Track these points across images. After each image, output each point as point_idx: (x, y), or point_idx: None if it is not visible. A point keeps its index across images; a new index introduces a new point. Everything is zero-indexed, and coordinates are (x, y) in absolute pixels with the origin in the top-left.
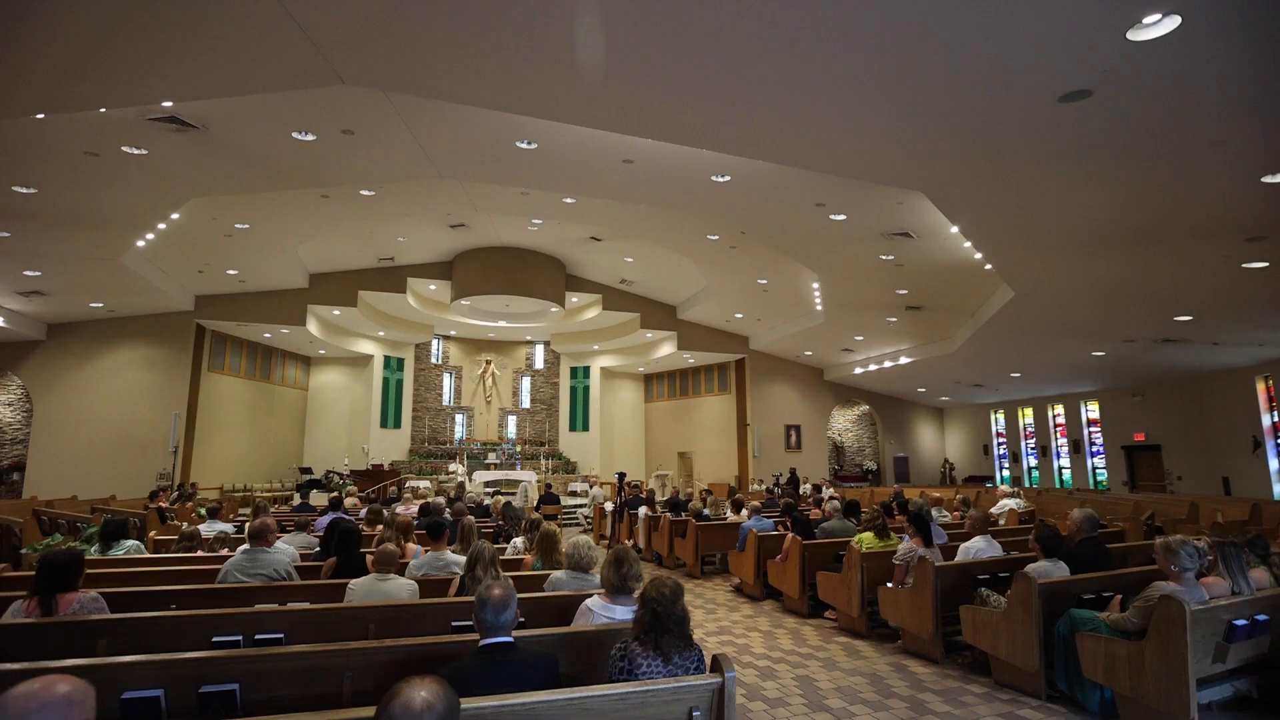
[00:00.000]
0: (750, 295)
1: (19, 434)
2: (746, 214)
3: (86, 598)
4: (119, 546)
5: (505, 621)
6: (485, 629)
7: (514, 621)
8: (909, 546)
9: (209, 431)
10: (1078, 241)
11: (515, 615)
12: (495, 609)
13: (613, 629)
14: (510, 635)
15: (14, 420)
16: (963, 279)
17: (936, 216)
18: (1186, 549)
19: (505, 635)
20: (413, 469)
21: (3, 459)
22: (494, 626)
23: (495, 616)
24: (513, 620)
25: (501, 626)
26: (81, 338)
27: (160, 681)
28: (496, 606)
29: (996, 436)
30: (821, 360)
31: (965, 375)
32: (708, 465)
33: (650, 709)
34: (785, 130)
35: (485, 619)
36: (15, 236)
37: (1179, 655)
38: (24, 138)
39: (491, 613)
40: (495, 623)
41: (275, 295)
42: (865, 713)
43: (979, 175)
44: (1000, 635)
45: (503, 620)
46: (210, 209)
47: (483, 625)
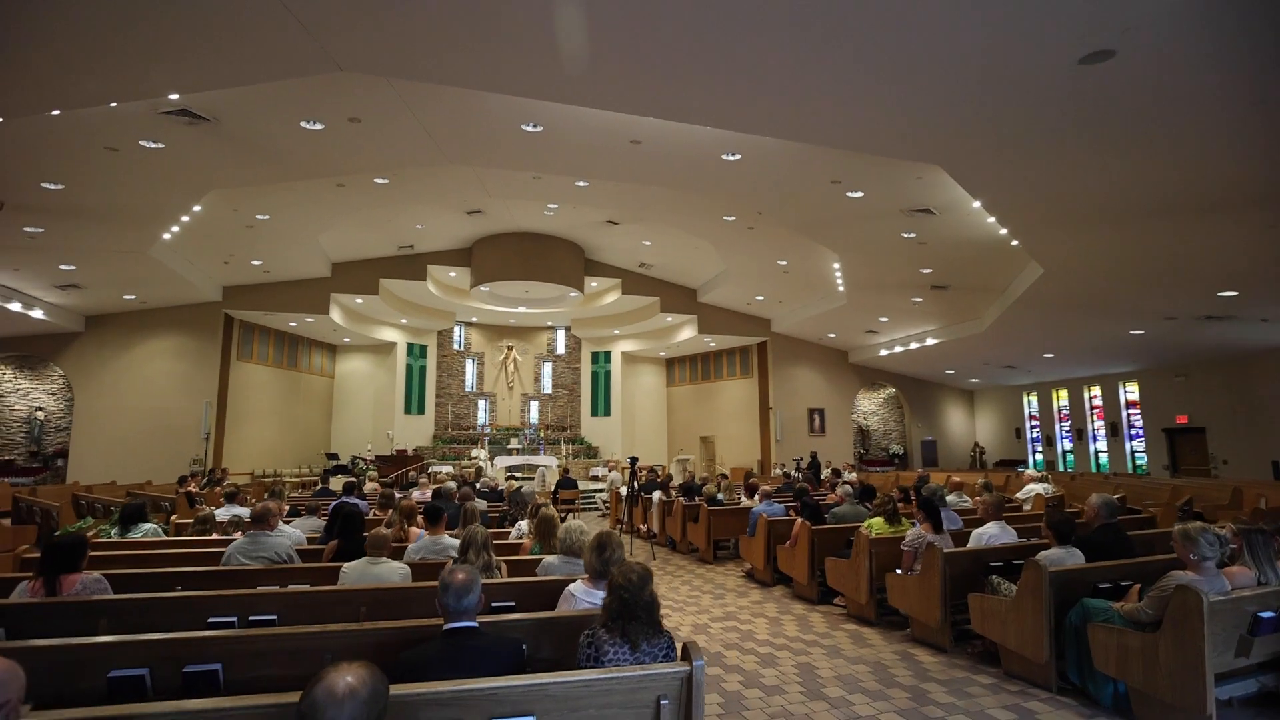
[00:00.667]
0: (770, 277)
1: (62, 422)
2: (760, 193)
3: (89, 579)
4: (137, 529)
5: (468, 606)
6: (448, 613)
7: (478, 606)
8: (918, 532)
9: (239, 419)
10: (1108, 214)
11: (480, 600)
12: (457, 593)
13: (594, 614)
14: (474, 620)
15: (57, 409)
16: (989, 256)
17: (958, 191)
18: (1206, 536)
19: (468, 620)
20: (436, 454)
21: (47, 446)
22: (456, 611)
23: (457, 601)
24: (476, 605)
25: (464, 611)
26: (117, 329)
27: (145, 661)
28: (458, 591)
29: (1029, 419)
30: (845, 342)
31: (995, 356)
32: (730, 450)
33: (616, 696)
34: (791, 105)
35: (447, 603)
36: (49, 232)
37: (1195, 648)
38: (47, 135)
39: (453, 597)
40: (457, 607)
41: (299, 285)
42: (863, 702)
43: (999, 146)
44: (1009, 625)
45: (465, 605)
46: (231, 201)
47: (445, 610)
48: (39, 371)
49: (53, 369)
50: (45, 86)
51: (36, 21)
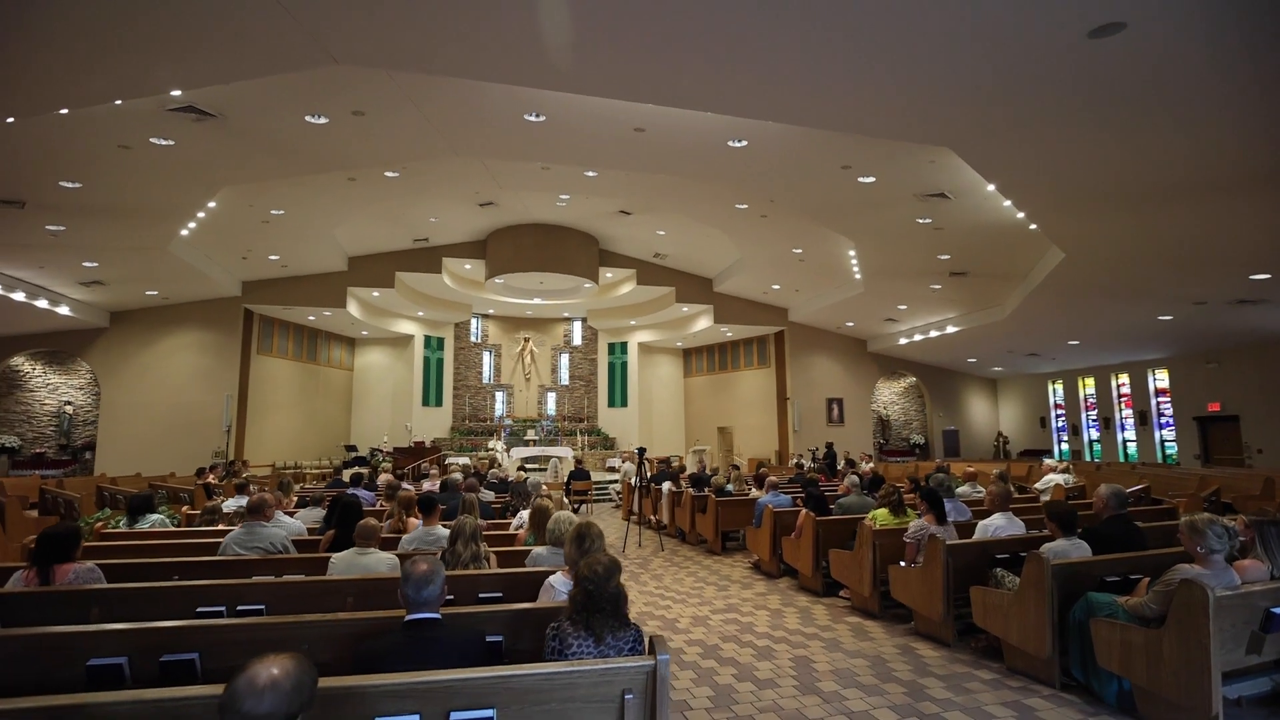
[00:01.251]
0: (786, 265)
1: (89, 416)
2: (769, 180)
3: (82, 568)
4: (145, 520)
5: (428, 597)
6: (408, 604)
7: (439, 597)
8: (920, 524)
9: (260, 412)
10: (1127, 196)
11: (442, 591)
12: (417, 584)
13: None
14: (436, 611)
15: (85, 403)
16: (1008, 241)
17: (972, 175)
18: (1214, 528)
19: (429, 611)
20: (454, 446)
21: (76, 439)
22: (416, 602)
23: (417, 592)
24: (437, 596)
25: (424, 602)
26: (140, 324)
27: (124, 649)
28: (418, 582)
29: (1054, 408)
30: (864, 331)
31: (1018, 344)
32: (748, 440)
33: (579, 690)
34: (792, 88)
35: (408, 594)
36: (70, 230)
37: (1200, 645)
38: (62, 135)
39: (413, 588)
40: (417, 598)
41: (316, 279)
42: (857, 697)
43: (1009, 127)
44: (1011, 619)
45: (424, 596)
46: (245, 196)
47: (406, 600)
48: (67, 366)
49: (80, 364)
50: (52, 85)
51: (41, 21)
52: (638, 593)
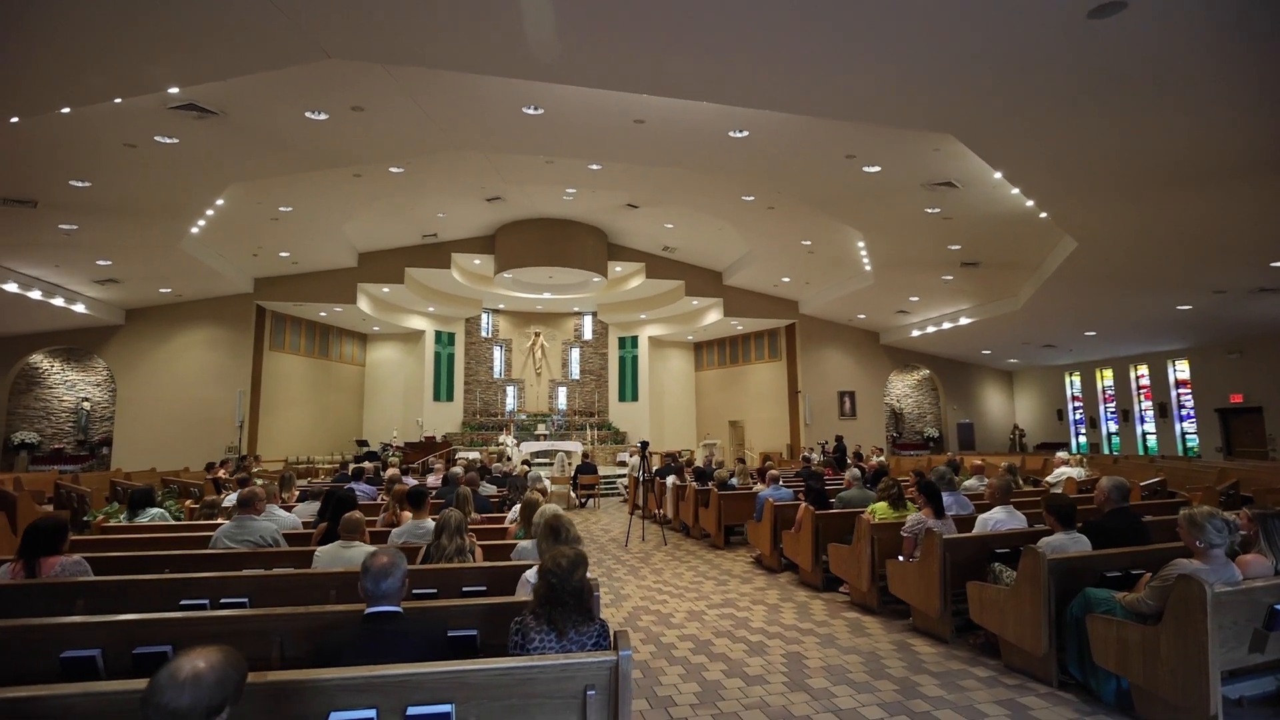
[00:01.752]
0: (795, 258)
1: (106, 412)
2: (772, 170)
3: (69, 561)
4: (144, 514)
5: (387, 590)
6: (368, 597)
7: (399, 590)
8: (918, 517)
9: (273, 407)
10: (1137, 182)
11: (402, 584)
12: (375, 577)
13: None
14: (396, 605)
15: (102, 400)
16: (1020, 231)
17: (979, 163)
18: (1214, 522)
19: (389, 604)
20: (465, 441)
21: (94, 435)
22: (375, 595)
23: (375, 585)
24: (397, 589)
25: (383, 595)
26: (155, 322)
27: (98, 642)
28: (376, 575)
29: (1071, 400)
30: (876, 323)
31: (1033, 335)
32: (759, 434)
33: (539, 686)
34: (786, 75)
35: (366, 587)
36: (83, 229)
37: (1198, 643)
38: (69, 134)
39: (371, 581)
40: (376, 591)
41: (326, 275)
42: (847, 694)
43: (1011, 113)
44: (1007, 615)
45: (383, 589)
46: (253, 194)
47: (365, 594)
48: (84, 363)
49: (97, 361)
50: (51, 84)
51: (38, 21)
52: (635, 586)
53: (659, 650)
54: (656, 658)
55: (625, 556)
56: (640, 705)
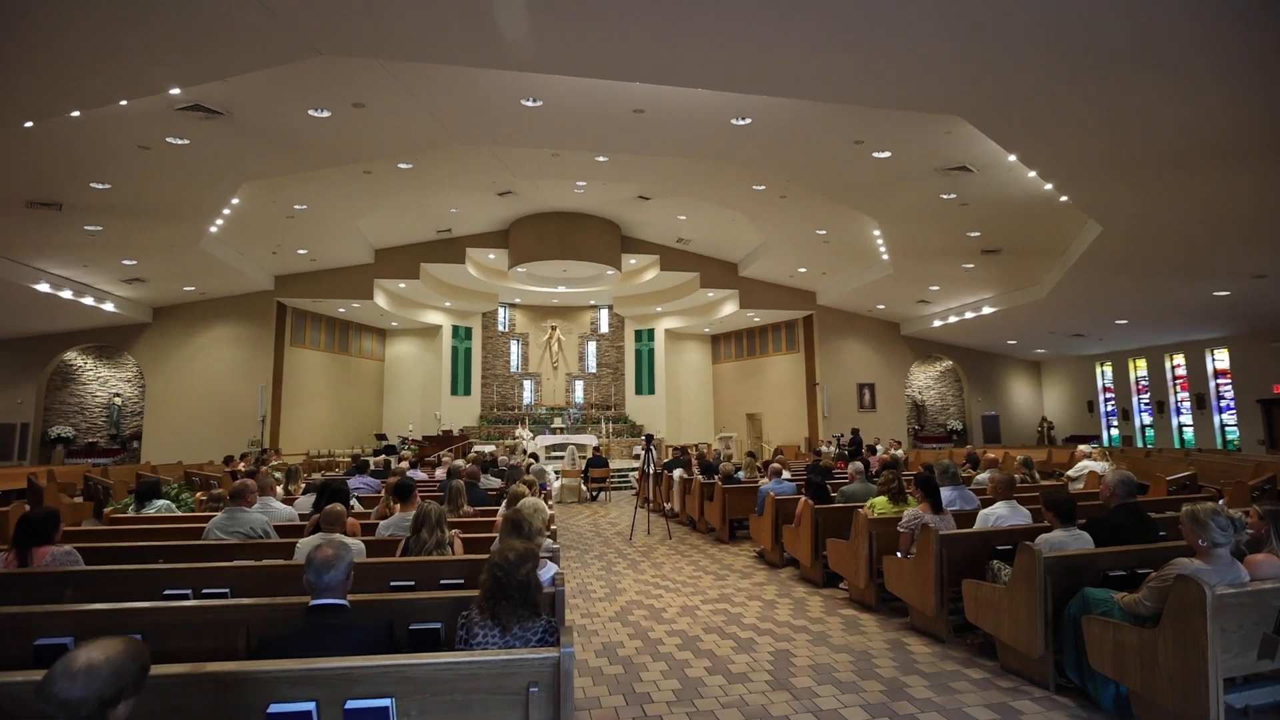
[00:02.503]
0: (811, 248)
1: (136, 407)
2: (778, 158)
3: (60, 551)
4: (151, 505)
5: (329, 583)
6: (310, 590)
7: (343, 583)
8: (914, 512)
9: (294, 401)
10: (1165, 161)
11: (346, 577)
12: (317, 570)
13: None
14: (340, 598)
15: (132, 395)
16: (1041, 215)
17: (993, 146)
18: (1218, 519)
19: (332, 597)
20: (482, 434)
21: (125, 429)
22: (317, 588)
23: (318, 577)
24: (341, 581)
25: (326, 588)
26: (180, 319)
27: (71, 630)
28: (318, 567)
29: (1103, 392)
30: (896, 313)
31: (1061, 324)
32: (777, 427)
33: (481, 681)
34: (781, 58)
35: (309, 579)
36: (107, 229)
37: (1197, 648)
38: (86, 138)
39: (314, 573)
40: (318, 584)
41: (344, 271)
42: (830, 694)
43: (1024, 91)
44: (1003, 615)
45: (326, 581)
46: (267, 192)
47: (308, 586)
48: (115, 360)
49: (126, 358)
50: (58, 88)
51: (39, 26)
52: (633, 580)
53: (645, 646)
54: (641, 653)
55: (628, 550)
56: (616, 701)
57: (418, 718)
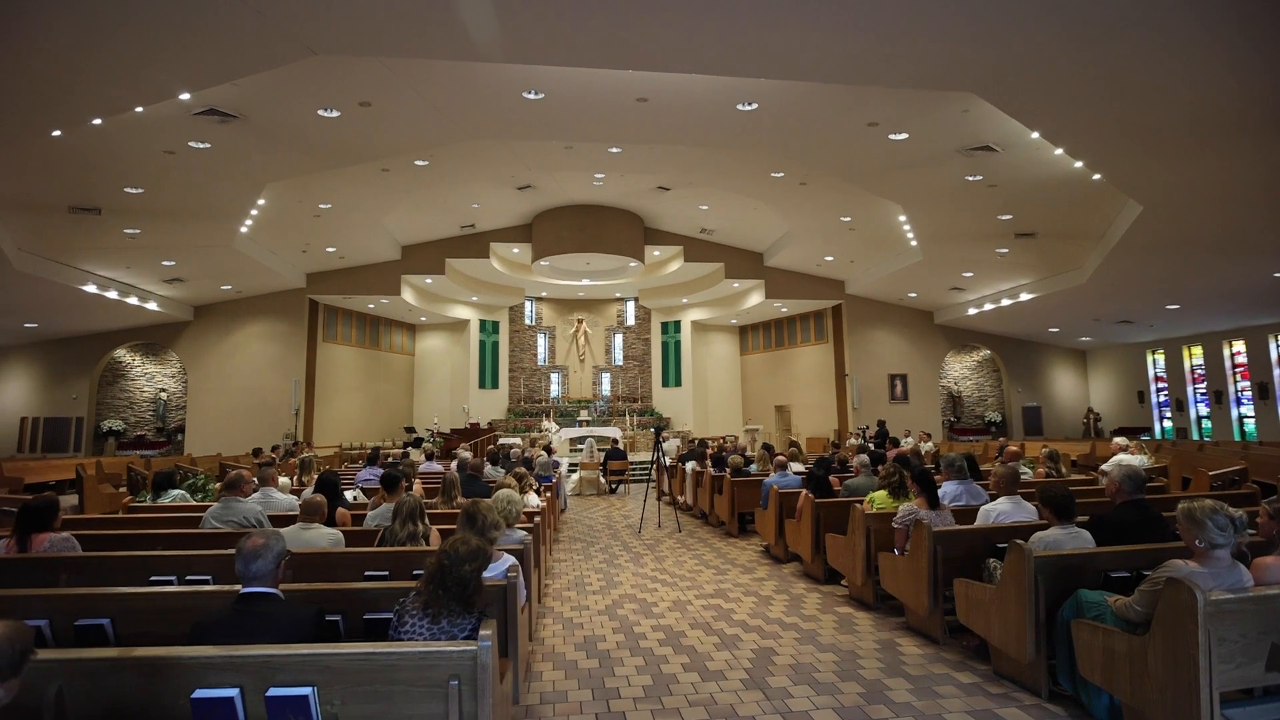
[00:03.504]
0: (836, 235)
1: (180, 401)
2: (789, 143)
3: (58, 538)
4: (166, 495)
5: (258, 571)
6: (240, 578)
7: (271, 572)
8: (909, 507)
9: (327, 395)
10: (1205, 132)
11: (276, 566)
12: (245, 558)
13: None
14: (269, 586)
15: (177, 390)
16: (1075, 196)
17: (1016, 124)
18: (1216, 518)
19: (261, 585)
20: (509, 427)
21: (170, 423)
22: (246, 576)
23: (245, 566)
24: (268, 570)
25: (254, 576)
26: (219, 317)
27: (46, 613)
28: (246, 556)
29: (1154, 381)
30: (929, 302)
31: (1106, 311)
32: (806, 419)
33: (402, 673)
34: (779, 37)
35: (238, 568)
36: (144, 232)
37: (1188, 657)
38: (115, 145)
39: (242, 562)
40: (246, 572)
41: (372, 268)
42: (805, 695)
43: (1040, 61)
44: (993, 616)
45: (254, 570)
46: (292, 192)
47: (238, 574)
48: (160, 357)
49: (170, 354)
50: (78, 97)
51: (52, 39)
52: (632, 574)
53: (627, 640)
54: (621, 648)
55: (634, 543)
56: (583, 696)
57: (341, 708)
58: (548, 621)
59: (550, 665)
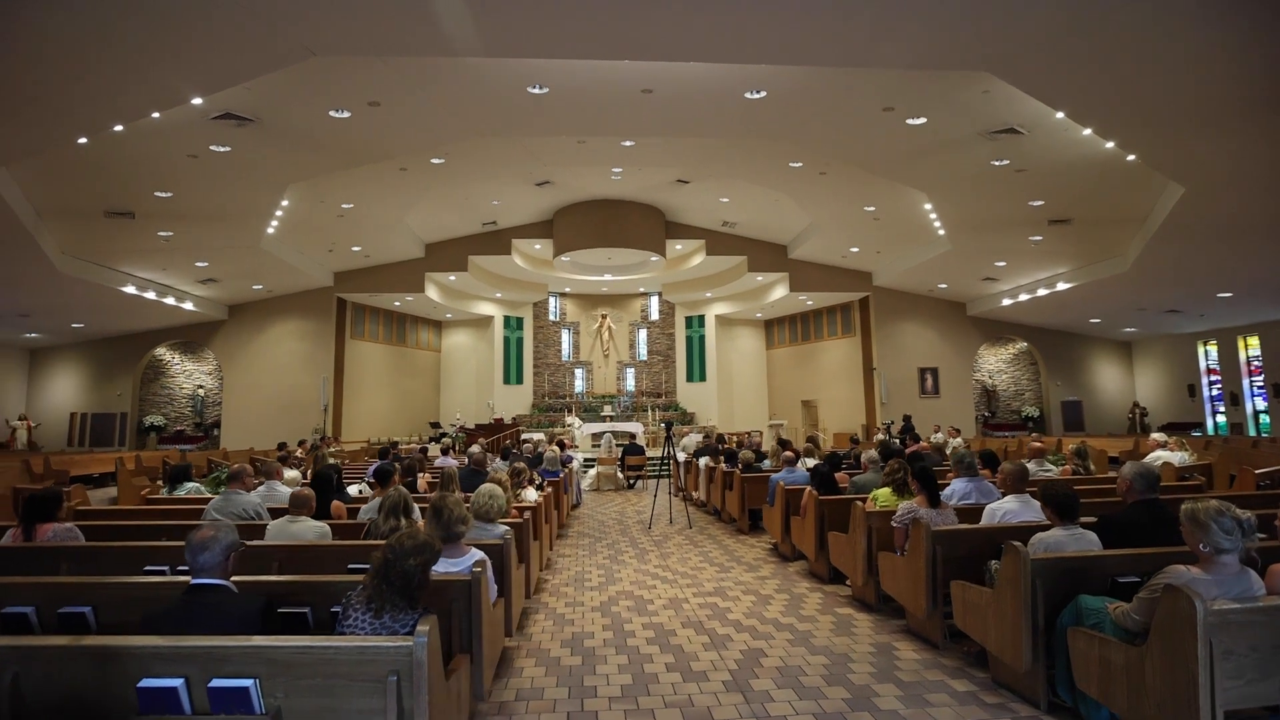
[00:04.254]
0: (861, 226)
1: (217, 397)
2: (801, 131)
3: (61, 528)
4: (181, 488)
5: (204, 563)
6: (190, 570)
7: (220, 564)
8: (908, 505)
9: (355, 392)
10: (1248, 107)
11: (224, 558)
12: (193, 550)
13: (437, 580)
14: (218, 578)
15: (213, 386)
16: (1110, 178)
17: (1039, 104)
18: (1221, 520)
19: (209, 577)
20: (533, 422)
21: (208, 418)
22: (194, 568)
23: (193, 558)
24: (216, 562)
25: (202, 568)
26: (252, 315)
27: (34, 600)
28: (195, 548)
29: (1206, 374)
30: (960, 293)
31: (1152, 300)
32: (833, 414)
33: (341, 667)
34: (778, 20)
35: (187, 559)
36: (177, 234)
37: (1187, 671)
38: (141, 151)
39: (190, 554)
40: (194, 564)
41: (397, 266)
42: (787, 700)
43: (1052, 37)
44: (989, 621)
45: (201, 562)
46: (315, 194)
47: (189, 565)
48: (197, 355)
49: (207, 352)
50: (97, 105)
51: (62, 48)
52: (634, 570)
53: (615, 638)
54: (607, 646)
55: (642, 539)
56: (559, 694)
57: (284, 700)
58: (539, 617)
59: (533, 661)
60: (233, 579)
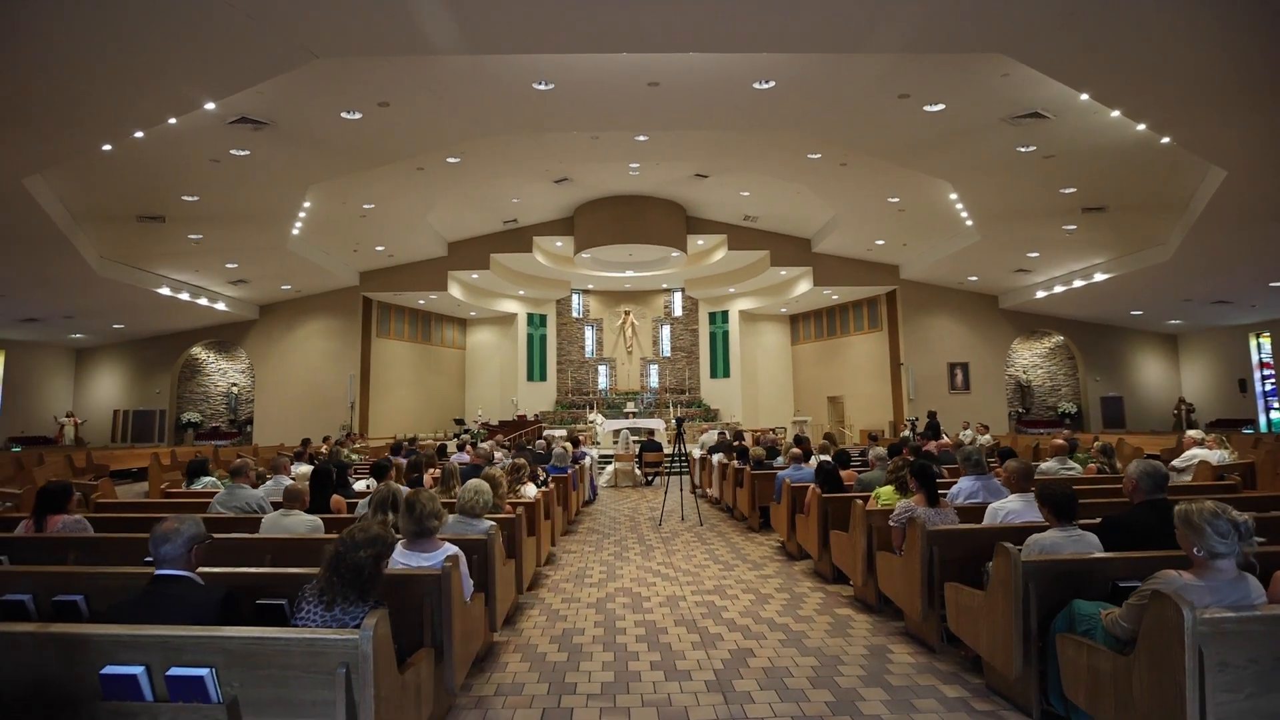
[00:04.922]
0: (885, 217)
1: (249, 395)
2: (815, 121)
3: (70, 520)
4: (198, 482)
5: (167, 555)
6: (154, 560)
7: (183, 555)
8: (906, 504)
9: (380, 389)
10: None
11: (186, 550)
12: (155, 542)
13: (410, 574)
14: (181, 569)
15: (246, 384)
16: (1145, 163)
17: (1063, 86)
18: (1217, 523)
19: (171, 568)
20: (556, 419)
21: (241, 415)
22: (157, 559)
23: (156, 549)
24: (179, 554)
25: (164, 559)
26: (282, 315)
27: (31, 588)
28: (157, 540)
29: (1259, 368)
30: (991, 285)
31: (1198, 290)
32: (859, 410)
33: (293, 658)
34: (762, 5)
35: (150, 550)
36: (206, 237)
37: (1174, 683)
38: (165, 157)
39: (153, 545)
40: (157, 555)
41: (420, 265)
42: (768, 703)
43: (1066, 11)
44: (981, 626)
45: (163, 553)
46: (336, 195)
47: (151, 556)
48: (231, 353)
49: (240, 351)
50: (116, 111)
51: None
52: (636, 567)
53: (605, 635)
54: (595, 642)
55: (650, 536)
56: (538, 690)
57: (240, 690)
58: (534, 612)
59: (519, 656)
60: (227, 570)
